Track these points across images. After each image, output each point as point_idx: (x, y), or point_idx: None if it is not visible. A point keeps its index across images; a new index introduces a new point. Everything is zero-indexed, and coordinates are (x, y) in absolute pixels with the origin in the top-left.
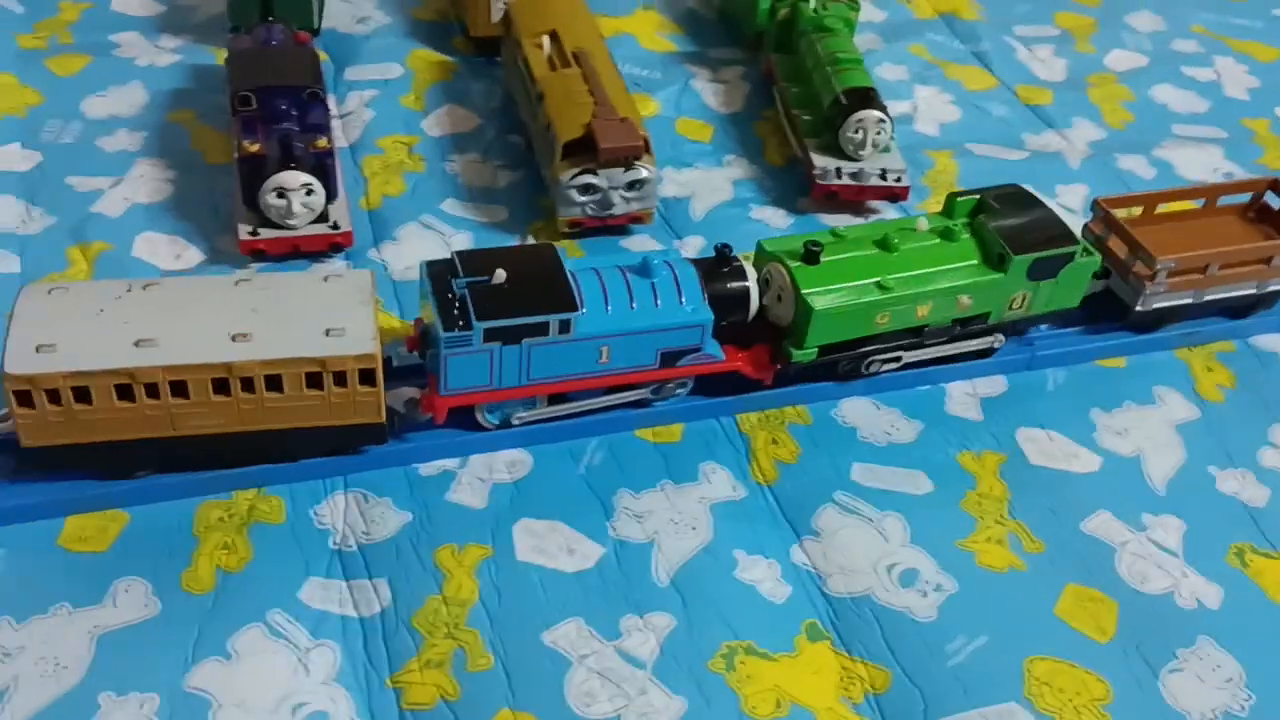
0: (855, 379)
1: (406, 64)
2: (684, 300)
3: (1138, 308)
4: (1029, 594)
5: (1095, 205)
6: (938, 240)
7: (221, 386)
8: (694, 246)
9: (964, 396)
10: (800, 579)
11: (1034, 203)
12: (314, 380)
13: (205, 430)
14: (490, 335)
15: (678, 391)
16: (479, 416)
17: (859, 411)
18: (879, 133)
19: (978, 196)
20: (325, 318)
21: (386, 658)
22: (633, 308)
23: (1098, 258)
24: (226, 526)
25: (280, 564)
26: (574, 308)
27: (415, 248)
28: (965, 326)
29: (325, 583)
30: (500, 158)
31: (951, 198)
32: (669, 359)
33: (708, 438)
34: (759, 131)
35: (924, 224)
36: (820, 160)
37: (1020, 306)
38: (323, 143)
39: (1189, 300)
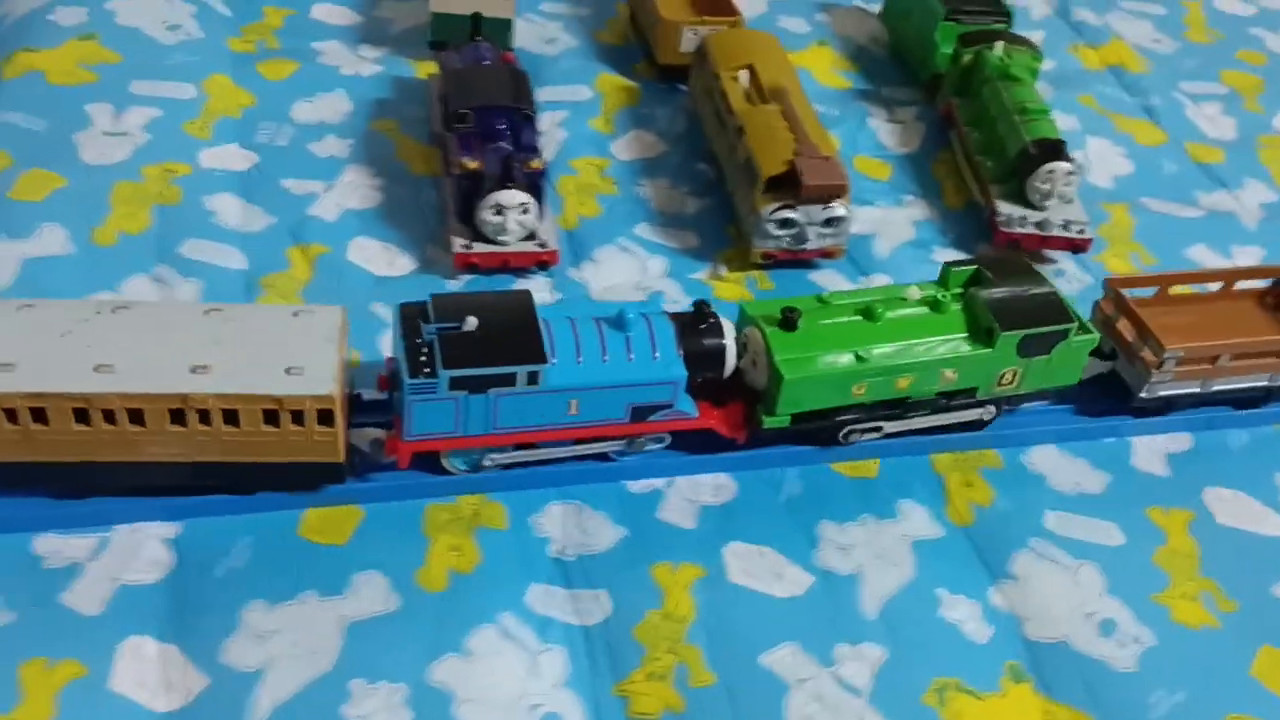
0: (834, 445)
1: (594, 87)
2: (658, 355)
3: (1141, 394)
4: (1225, 652)
5: (1106, 284)
6: (925, 311)
7: (178, 417)
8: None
9: (1149, 451)
10: (1000, 621)
11: (1032, 275)
12: (271, 417)
13: (164, 458)
14: (456, 384)
15: (650, 446)
16: (444, 462)
17: (1048, 459)
18: (1067, 184)
19: (973, 267)
20: (288, 355)
21: (610, 666)
22: (605, 360)
23: (1095, 336)
24: (455, 529)
25: (506, 568)
26: (543, 359)
27: (613, 269)
28: (951, 400)
29: (549, 589)
30: (688, 184)
31: (947, 267)
32: (640, 413)
33: (902, 475)
34: (936, 173)
35: (915, 293)
36: (1004, 207)
37: (1011, 382)
38: (536, 163)
39: (1196, 389)
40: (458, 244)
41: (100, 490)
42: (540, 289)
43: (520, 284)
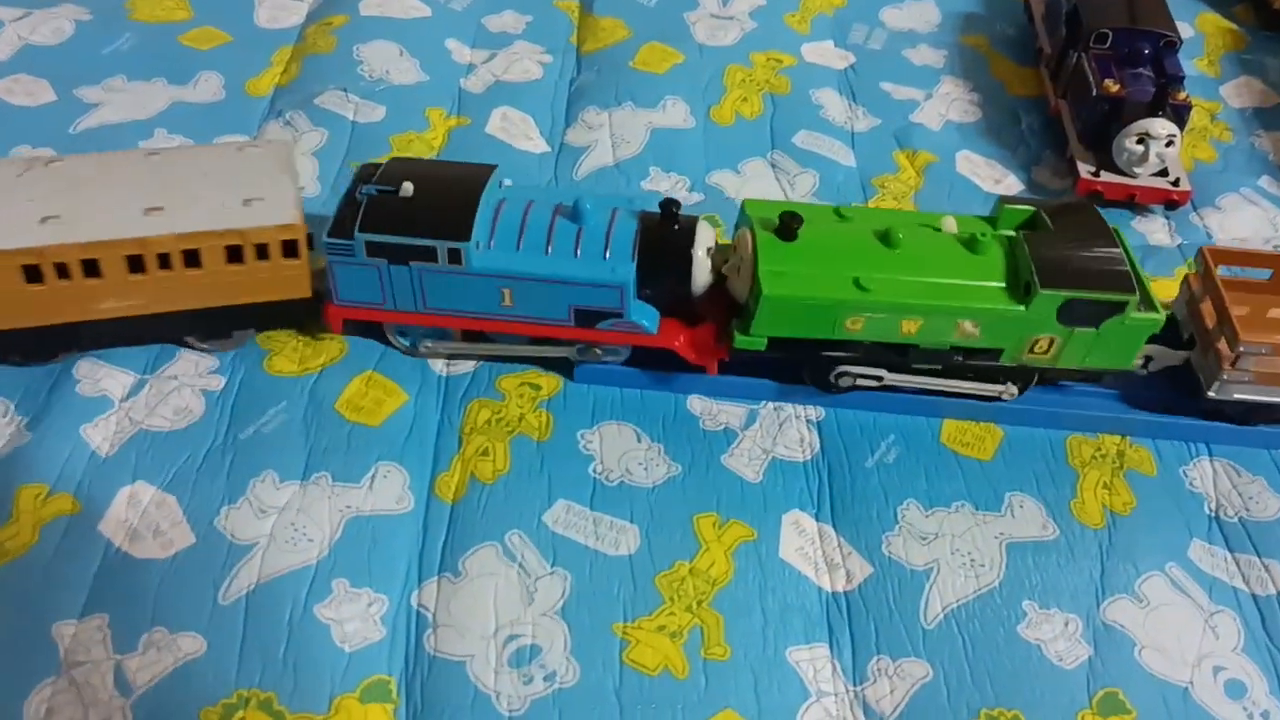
0: (824, 391)
1: (1195, 25)
2: (608, 255)
3: (1210, 393)
4: None
5: (1199, 253)
6: (957, 247)
7: (137, 264)
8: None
9: None
10: None
11: (1102, 232)
12: (234, 254)
13: (122, 312)
14: (373, 250)
15: (606, 358)
16: (390, 336)
17: None
18: None
19: (1032, 209)
20: (244, 187)
21: None
22: (547, 252)
23: (1159, 316)
24: (1101, 465)
25: (1163, 517)
26: (465, 238)
27: (1240, 220)
28: (969, 359)
29: (1209, 548)
30: None
31: (1001, 202)
32: (585, 318)
33: None
34: None
35: (951, 224)
36: None
37: (1045, 352)
38: (1183, 95)
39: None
40: (1084, 169)
41: (62, 353)
42: (1158, 230)
43: (1138, 221)
